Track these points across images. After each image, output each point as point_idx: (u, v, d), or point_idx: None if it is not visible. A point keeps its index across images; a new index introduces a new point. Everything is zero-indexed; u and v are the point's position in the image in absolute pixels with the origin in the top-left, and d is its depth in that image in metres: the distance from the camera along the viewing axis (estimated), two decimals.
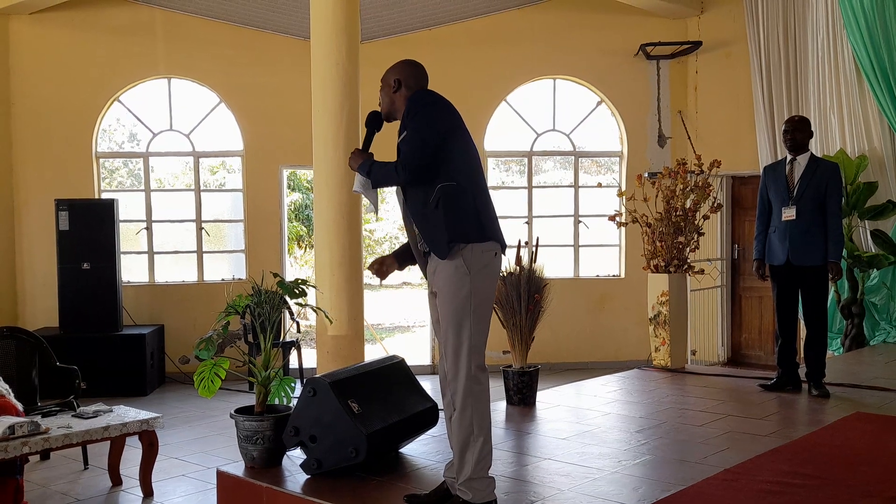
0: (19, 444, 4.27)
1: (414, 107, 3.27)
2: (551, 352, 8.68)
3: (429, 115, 3.23)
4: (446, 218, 3.16)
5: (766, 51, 8.47)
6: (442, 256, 3.17)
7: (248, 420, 3.84)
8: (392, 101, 3.39)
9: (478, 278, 3.17)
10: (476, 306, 3.16)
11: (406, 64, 3.44)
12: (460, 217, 3.18)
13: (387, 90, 3.40)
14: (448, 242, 3.14)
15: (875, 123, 7.63)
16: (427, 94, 3.33)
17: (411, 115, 3.25)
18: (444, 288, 3.19)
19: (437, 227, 3.17)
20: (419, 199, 3.24)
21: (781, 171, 5.48)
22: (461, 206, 3.19)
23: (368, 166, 3.31)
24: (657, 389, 5.84)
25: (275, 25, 8.95)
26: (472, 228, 3.19)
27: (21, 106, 8.77)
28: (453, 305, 3.16)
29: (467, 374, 3.14)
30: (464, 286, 3.15)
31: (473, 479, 3.16)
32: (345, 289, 6.25)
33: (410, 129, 3.22)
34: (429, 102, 3.28)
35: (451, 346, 3.17)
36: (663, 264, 6.66)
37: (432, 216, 3.19)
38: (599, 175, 10.97)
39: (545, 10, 9.28)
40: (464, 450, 3.17)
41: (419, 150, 3.17)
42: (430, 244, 3.22)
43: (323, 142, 6.28)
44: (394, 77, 3.38)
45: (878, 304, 7.68)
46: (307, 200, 16.68)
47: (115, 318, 8.17)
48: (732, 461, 3.92)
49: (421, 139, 3.17)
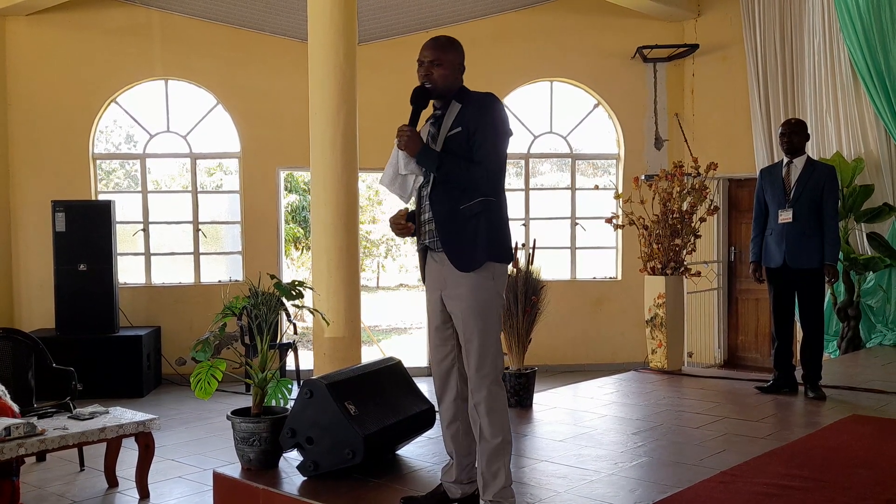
0: (15, 446, 4.26)
1: (495, 110, 3.20)
2: (548, 354, 8.68)
3: (506, 125, 3.21)
4: (489, 235, 3.12)
5: (763, 54, 8.48)
6: (466, 270, 3.11)
7: (245, 422, 3.84)
8: (455, 81, 3.25)
9: (500, 285, 3.20)
10: (498, 315, 3.19)
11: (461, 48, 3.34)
12: (498, 237, 3.16)
13: (452, 70, 3.24)
14: (482, 260, 3.10)
15: (871, 126, 7.65)
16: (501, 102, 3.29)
17: (492, 118, 3.17)
18: (467, 296, 3.12)
19: (469, 239, 3.11)
20: (452, 198, 3.14)
21: (778, 173, 5.49)
22: (501, 224, 3.18)
23: (437, 159, 3.12)
24: (654, 391, 5.84)
25: (272, 27, 8.95)
26: (504, 249, 3.19)
27: (18, 107, 8.75)
28: (479, 312, 3.11)
29: (494, 380, 3.11)
30: (490, 295, 3.13)
31: (507, 488, 3.12)
32: (342, 291, 6.24)
33: (492, 135, 3.15)
34: (504, 113, 3.25)
35: (476, 355, 3.10)
36: (660, 266, 6.67)
37: (467, 223, 3.12)
38: (596, 177, 10.99)
39: (542, 12, 9.29)
40: (495, 458, 3.10)
41: (503, 161, 3.18)
42: (454, 252, 3.13)
43: (320, 143, 6.28)
44: (461, 59, 3.28)
45: (875, 306, 7.69)
46: (304, 202, 16.67)
47: (112, 320, 8.16)
48: (729, 463, 3.92)
49: (503, 152, 3.19)
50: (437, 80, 3.22)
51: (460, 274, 3.12)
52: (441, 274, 3.21)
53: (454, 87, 3.25)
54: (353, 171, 6.33)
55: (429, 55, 3.24)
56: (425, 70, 3.24)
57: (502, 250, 3.18)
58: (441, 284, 3.22)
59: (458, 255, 3.12)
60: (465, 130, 3.15)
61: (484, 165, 3.11)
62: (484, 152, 3.12)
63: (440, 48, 3.25)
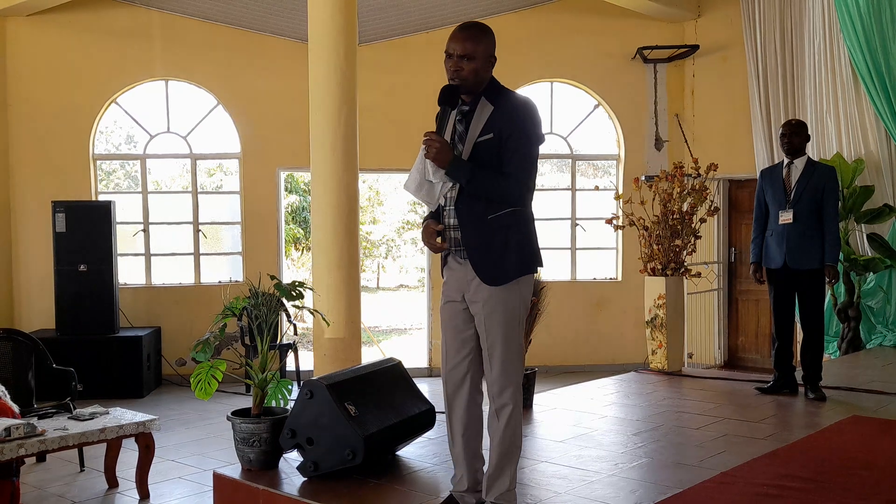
0: (15, 447, 4.26)
1: (530, 118, 3.02)
2: (548, 355, 8.68)
3: (540, 133, 3.06)
4: (518, 248, 3.01)
5: (763, 54, 8.49)
6: (494, 284, 2.99)
7: (245, 422, 3.84)
8: (486, 75, 3.02)
9: (526, 293, 3.11)
10: (521, 322, 3.11)
11: (493, 36, 3.10)
12: (528, 249, 3.06)
13: (485, 63, 3.01)
14: (512, 276, 3.00)
15: (871, 127, 7.64)
16: (536, 107, 3.10)
17: (525, 124, 2.99)
18: (492, 305, 3.01)
19: (497, 254, 3.00)
20: (480, 207, 3.00)
21: (778, 174, 5.49)
22: (529, 234, 3.08)
23: (469, 172, 2.94)
24: (654, 392, 5.84)
25: (272, 28, 8.95)
26: (533, 260, 3.09)
27: (18, 108, 8.75)
28: (504, 323, 3.03)
29: (516, 388, 3.08)
30: (516, 304, 3.05)
31: (510, 491, 3.10)
32: (342, 291, 6.24)
33: (525, 144, 2.99)
34: (539, 117, 3.07)
35: (498, 362, 3.03)
36: (660, 267, 6.67)
37: (495, 238, 2.99)
38: (596, 178, 10.99)
39: (542, 13, 9.29)
40: (505, 462, 3.09)
41: (534, 171, 3.04)
42: (481, 266, 3.01)
43: (320, 144, 6.28)
44: (493, 50, 3.04)
45: (875, 307, 7.69)
46: (304, 203, 16.68)
47: (112, 320, 8.16)
48: (729, 464, 3.92)
49: (534, 160, 3.03)
50: (467, 77, 2.98)
51: (486, 286, 3.02)
52: (465, 278, 3.08)
53: (485, 81, 3.03)
54: (354, 171, 6.33)
55: (458, 48, 2.97)
56: (454, 65, 2.98)
57: (532, 261, 3.08)
58: (464, 287, 3.10)
59: (485, 270, 3.00)
60: (496, 138, 2.97)
61: (515, 177, 2.96)
62: (516, 163, 2.97)
63: (472, 39, 2.97)
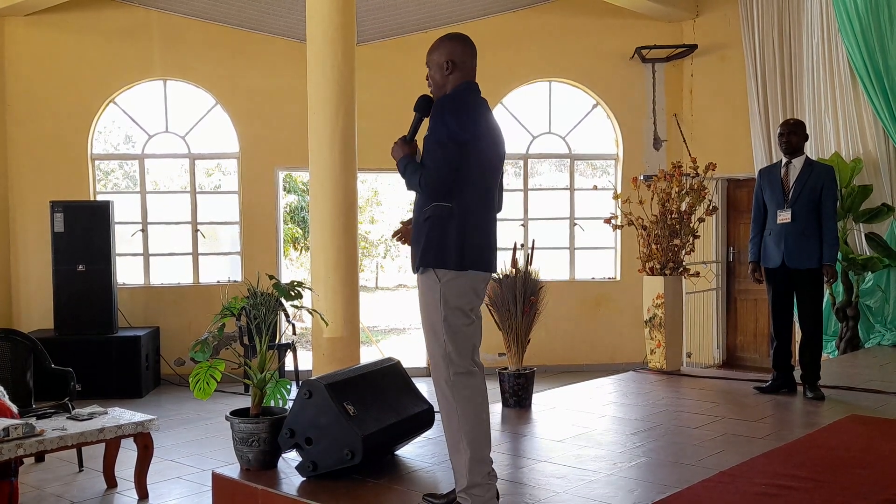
0: (14, 447, 4.26)
1: (443, 110, 3.07)
2: (547, 354, 8.69)
3: (459, 123, 3.03)
4: (427, 239, 3.11)
5: (761, 54, 8.49)
6: (413, 271, 3.20)
7: (244, 422, 3.84)
8: (444, 83, 3.16)
9: (447, 289, 3.10)
10: (447, 315, 3.10)
11: (457, 42, 3.17)
12: (446, 243, 3.08)
13: (438, 71, 3.15)
14: (424, 265, 3.13)
15: (870, 126, 7.65)
16: (459, 97, 3.12)
17: (439, 118, 3.06)
18: (419, 297, 3.22)
19: (419, 243, 3.16)
20: (419, 204, 3.20)
21: (777, 173, 5.50)
22: (446, 232, 3.08)
23: (404, 165, 3.18)
24: (653, 392, 5.84)
25: (271, 28, 8.95)
26: (449, 257, 3.09)
27: (16, 108, 8.75)
28: (426, 313, 3.17)
29: (446, 381, 3.11)
30: (434, 295, 3.11)
31: (472, 487, 3.10)
32: (340, 291, 6.24)
33: (435, 139, 3.05)
34: (459, 108, 3.07)
35: (428, 353, 3.21)
36: (659, 267, 6.67)
37: (420, 228, 3.16)
38: (595, 178, 11.00)
39: (541, 13, 9.30)
40: (452, 456, 3.14)
41: (444, 168, 3.03)
42: (412, 253, 3.21)
43: (319, 144, 6.28)
44: (446, 58, 3.14)
45: (873, 306, 7.69)
46: (303, 202, 16.68)
47: (111, 320, 8.15)
48: (728, 463, 3.92)
49: (445, 158, 3.02)
50: (428, 84, 3.25)
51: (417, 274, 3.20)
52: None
53: (444, 86, 3.17)
54: (352, 171, 6.34)
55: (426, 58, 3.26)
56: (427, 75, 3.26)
57: (451, 257, 3.08)
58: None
59: (413, 256, 3.20)
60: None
61: (426, 170, 3.08)
62: (425, 157, 3.10)
63: (430, 50, 3.22)
